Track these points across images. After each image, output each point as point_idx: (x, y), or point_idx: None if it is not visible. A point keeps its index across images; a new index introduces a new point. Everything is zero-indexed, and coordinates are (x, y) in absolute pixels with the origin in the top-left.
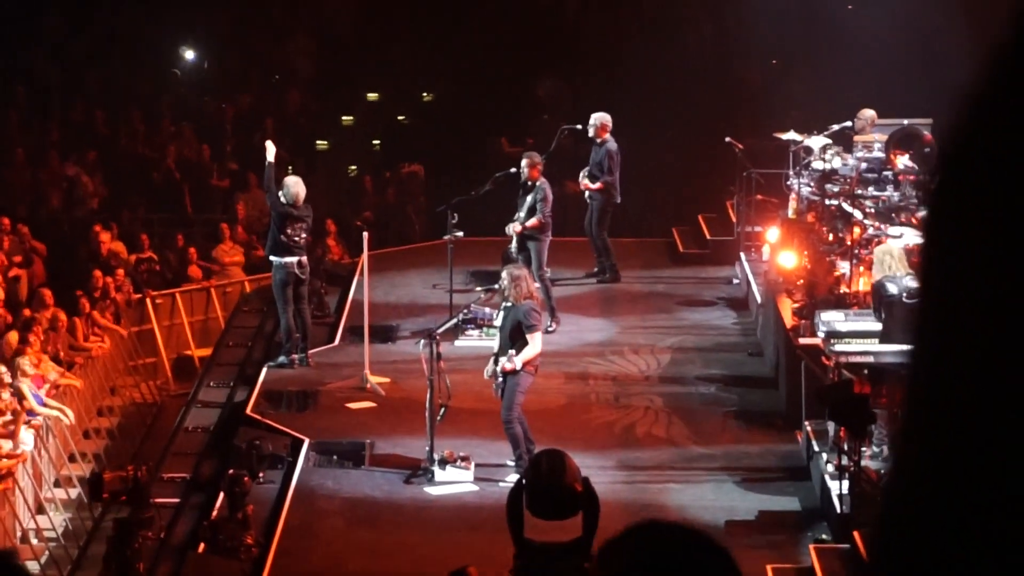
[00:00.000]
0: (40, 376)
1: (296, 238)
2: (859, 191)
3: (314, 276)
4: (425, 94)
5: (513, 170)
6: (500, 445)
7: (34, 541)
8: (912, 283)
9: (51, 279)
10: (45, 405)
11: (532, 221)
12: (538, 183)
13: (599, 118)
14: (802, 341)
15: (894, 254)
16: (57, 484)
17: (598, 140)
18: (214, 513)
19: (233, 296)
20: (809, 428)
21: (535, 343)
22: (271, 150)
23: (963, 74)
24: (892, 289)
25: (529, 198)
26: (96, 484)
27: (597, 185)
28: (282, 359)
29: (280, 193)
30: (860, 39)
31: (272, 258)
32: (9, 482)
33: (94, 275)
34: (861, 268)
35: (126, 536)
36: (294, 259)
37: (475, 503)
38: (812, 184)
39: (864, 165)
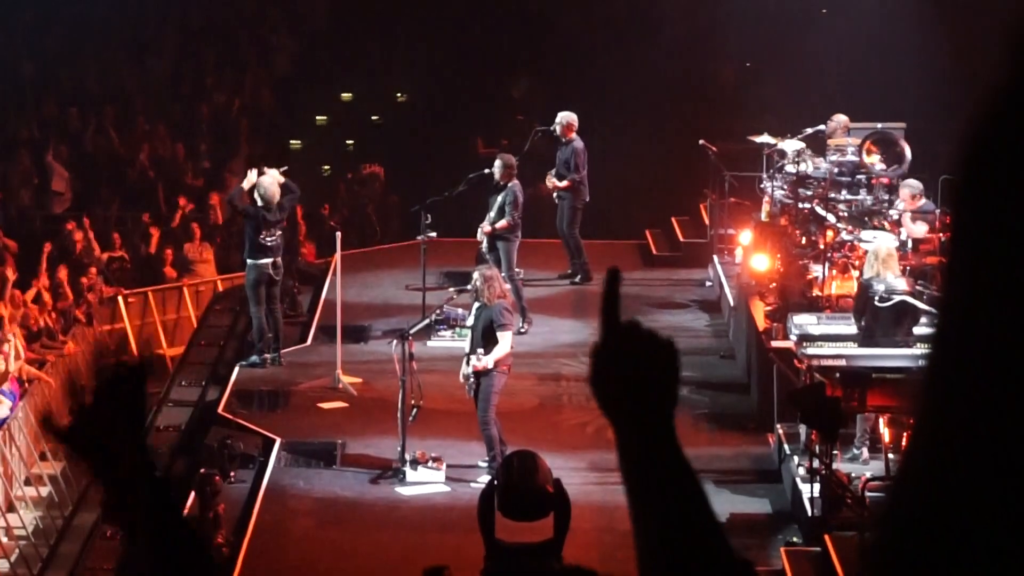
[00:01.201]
0: (7, 372)
1: (271, 240)
2: (832, 195)
3: (287, 275)
4: (399, 94)
5: (487, 171)
6: (472, 446)
7: (4, 539)
8: (900, 284)
9: (21, 277)
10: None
11: (501, 223)
12: (509, 185)
13: (565, 117)
14: (774, 344)
15: (880, 255)
16: (28, 483)
17: (564, 139)
18: (185, 512)
19: (205, 295)
20: (781, 431)
21: (505, 342)
22: (250, 178)
23: (936, 78)
24: (878, 289)
25: (499, 198)
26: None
27: (564, 183)
28: (254, 359)
29: (256, 194)
30: (834, 43)
31: (248, 260)
32: None
33: (57, 274)
34: (833, 271)
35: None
36: (269, 260)
37: (446, 504)
38: (785, 187)
39: (837, 169)
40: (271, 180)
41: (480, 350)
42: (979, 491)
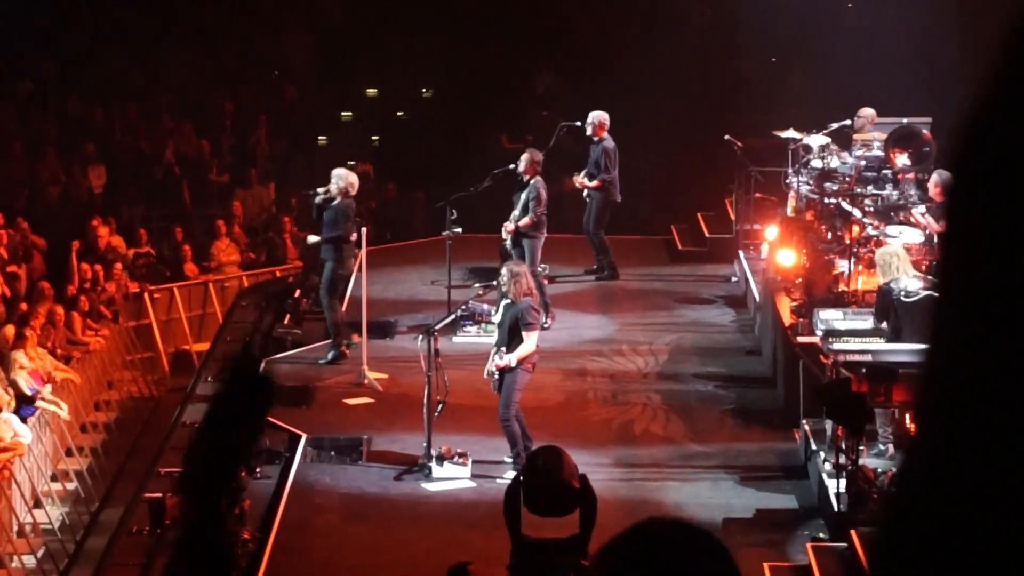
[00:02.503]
0: (36, 371)
1: (355, 233)
2: (858, 189)
3: (311, 272)
4: (424, 90)
5: (512, 166)
6: (498, 441)
7: (31, 535)
8: (916, 283)
9: (50, 273)
10: (41, 399)
11: (524, 220)
12: (532, 181)
13: (597, 116)
14: (800, 339)
15: (900, 256)
16: (54, 478)
17: (596, 138)
18: None
19: (231, 291)
20: (807, 426)
21: (530, 341)
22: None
23: (962, 72)
24: (901, 288)
25: (523, 196)
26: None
27: (595, 183)
28: (334, 353)
29: (336, 188)
30: (860, 37)
31: (332, 256)
32: (6, 474)
33: (81, 268)
34: (859, 267)
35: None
36: (354, 256)
37: (472, 499)
38: (811, 182)
39: (863, 163)
40: (346, 171)
41: (504, 348)
42: (979, 484)
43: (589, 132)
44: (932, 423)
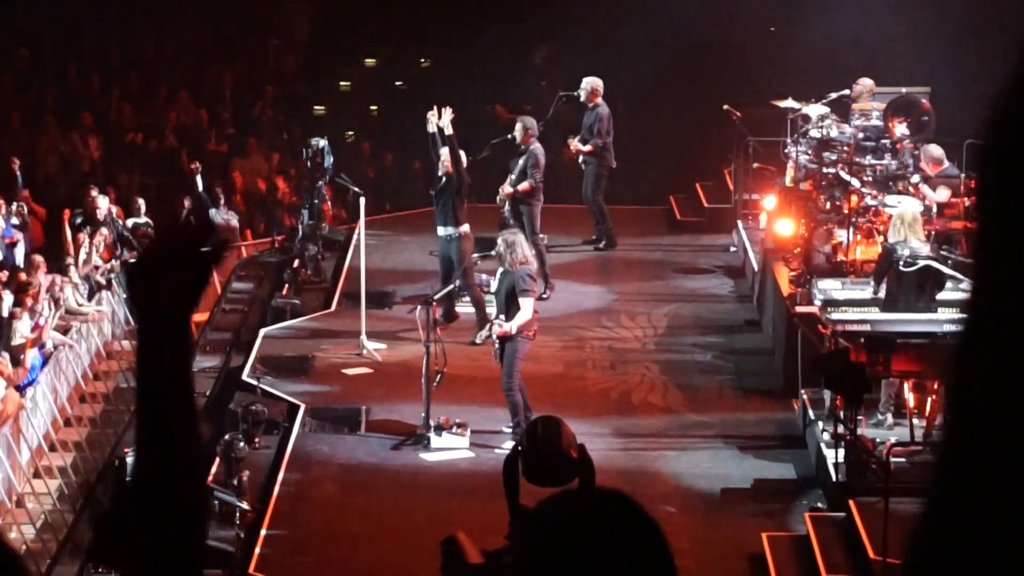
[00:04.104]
0: (34, 340)
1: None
2: (857, 159)
3: (311, 241)
4: (423, 60)
5: (510, 136)
6: (496, 411)
7: (30, 505)
8: (924, 249)
9: (48, 244)
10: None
11: (523, 185)
12: (531, 147)
13: (590, 82)
14: (799, 309)
15: (906, 218)
16: (37, 475)
17: (590, 104)
18: (209, 478)
19: (229, 261)
20: (805, 396)
21: (527, 308)
22: (446, 117)
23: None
24: (903, 254)
25: (521, 161)
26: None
27: (588, 148)
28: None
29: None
30: (858, 6)
31: (462, 228)
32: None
33: (77, 238)
34: (858, 236)
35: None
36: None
37: (470, 469)
38: (810, 152)
39: (862, 133)
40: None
41: (502, 316)
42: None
43: (583, 98)
44: (969, 399)
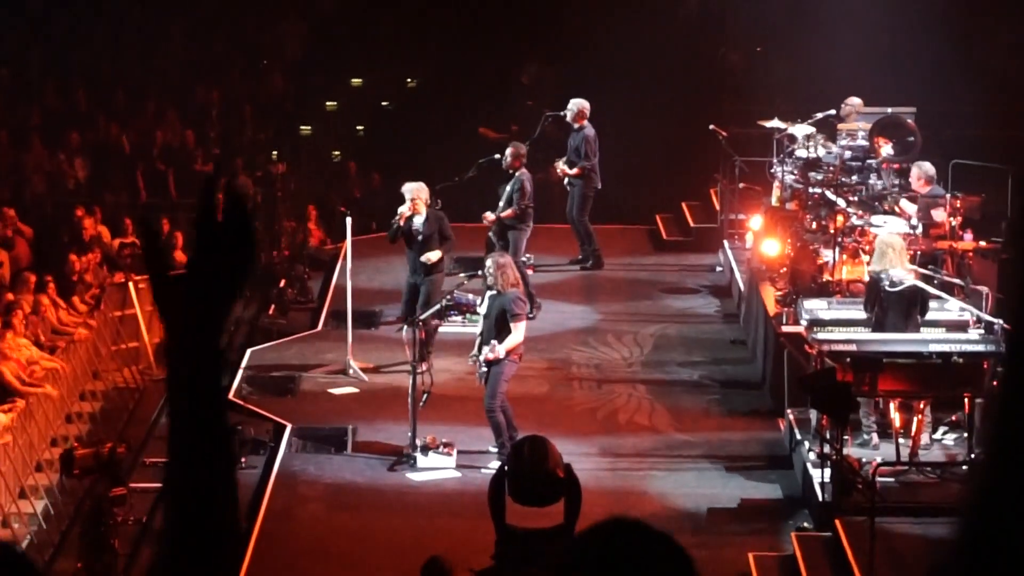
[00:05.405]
0: (19, 360)
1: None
2: (843, 179)
3: (296, 261)
4: (409, 80)
5: (496, 156)
6: (483, 431)
7: (16, 526)
8: (906, 275)
9: (36, 263)
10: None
11: (507, 212)
12: (517, 173)
13: (577, 104)
14: (785, 329)
15: (895, 246)
16: (39, 468)
17: (576, 126)
18: None
19: None
20: (791, 416)
21: (518, 332)
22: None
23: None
24: (888, 278)
25: (507, 187)
26: (67, 460)
27: (575, 171)
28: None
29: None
30: (845, 26)
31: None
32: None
33: (70, 259)
34: (844, 256)
35: (99, 512)
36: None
37: (457, 489)
38: (796, 172)
39: (848, 153)
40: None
41: (494, 340)
42: None
43: (569, 119)
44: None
